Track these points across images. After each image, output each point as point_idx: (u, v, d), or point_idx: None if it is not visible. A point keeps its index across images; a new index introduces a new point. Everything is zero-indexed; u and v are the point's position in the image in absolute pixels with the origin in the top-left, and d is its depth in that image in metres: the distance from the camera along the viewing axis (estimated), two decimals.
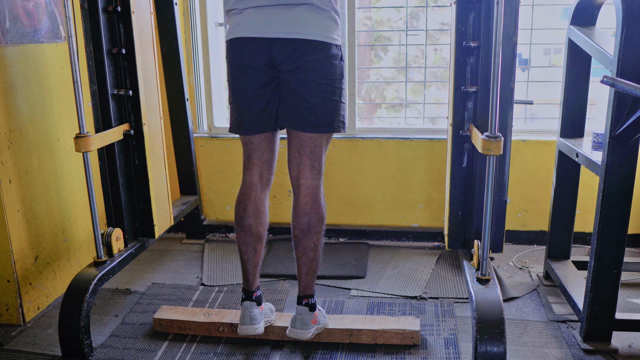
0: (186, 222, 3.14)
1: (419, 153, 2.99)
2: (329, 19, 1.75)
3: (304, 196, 1.89)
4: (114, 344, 2.12)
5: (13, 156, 2.20)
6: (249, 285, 2.01)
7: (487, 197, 1.89)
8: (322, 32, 1.74)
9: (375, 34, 3.89)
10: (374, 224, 3.13)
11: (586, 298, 2.00)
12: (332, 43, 1.76)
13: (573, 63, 2.32)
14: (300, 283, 1.98)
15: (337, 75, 1.80)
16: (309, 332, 1.96)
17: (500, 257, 2.84)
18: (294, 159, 1.89)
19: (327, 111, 1.81)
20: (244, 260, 1.99)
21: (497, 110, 1.81)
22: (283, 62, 1.75)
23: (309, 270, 1.95)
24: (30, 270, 2.30)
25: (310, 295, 1.97)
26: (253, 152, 1.92)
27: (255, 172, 1.94)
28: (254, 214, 1.94)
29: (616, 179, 1.87)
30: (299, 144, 1.86)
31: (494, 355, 1.74)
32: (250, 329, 1.97)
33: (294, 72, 1.76)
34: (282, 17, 1.73)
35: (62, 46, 2.47)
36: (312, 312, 1.98)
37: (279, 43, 1.74)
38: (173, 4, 2.79)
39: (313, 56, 1.74)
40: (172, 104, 2.97)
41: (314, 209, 1.89)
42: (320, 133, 1.85)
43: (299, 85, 1.77)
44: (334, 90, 1.81)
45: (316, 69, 1.75)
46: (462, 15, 2.28)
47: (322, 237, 1.93)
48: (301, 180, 1.89)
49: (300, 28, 1.72)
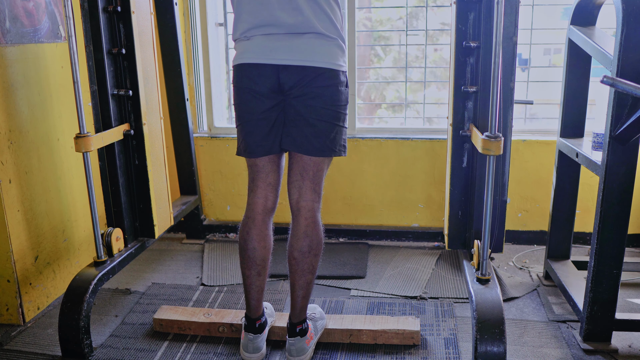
0: (186, 222, 3.14)
1: (419, 153, 2.99)
2: (336, 47, 1.77)
3: (305, 218, 1.88)
4: (114, 344, 2.12)
5: (13, 156, 2.20)
6: (252, 312, 1.96)
7: (487, 197, 1.89)
8: (329, 59, 1.75)
9: (375, 34, 3.89)
10: (374, 224, 3.13)
11: (586, 298, 2.00)
12: (339, 70, 1.78)
13: (573, 63, 2.32)
14: (296, 308, 1.92)
15: (342, 101, 1.82)
16: (308, 355, 1.95)
17: (500, 257, 2.84)
18: (296, 181, 1.89)
19: (331, 136, 1.82)
20: (247, 284, 1.94)
21: (497, 110, 1.82)
22: (292, 87, 1.76)
23: (305, 293, 1.91)
24: (30, 270, 2.30)
25: (304, 320, 1.95)
26: (257, 175, 1.91)
27: (260, 194, 1.92)
28: (258, 237, 1.92)
29: (616, 179, 1.87)
30: (302, 167, 1.86)
31: (494, 355, 1.75)
32: (254, 357, 1.96)
33: (302, 97, 1.77)
34: (290, 44, 1.73)
35: (62, 46, 2.47)
36: (306, 334, 1.95)
37: (288, 70, 1.75)
38: (173, 4, 2.79)
39: (322, 83, 1.75)
40: (172, 104, 2.97)
41: (315, 231, 1.88)
42: (323, 157, 1.86)
43: (306, 111, 1.78)
44: (339, 116, 1.82)
45: (324, 96, 1.77)
46: (462, 15, 2.28)
47: (320, 259, 1.92)
48: (302, 203, 1.88)
49: (308, 55, 1.73)
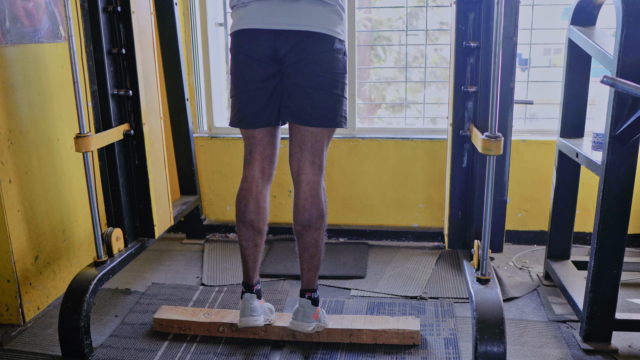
0: (186, 222, 3.14)
1: (419, 153, 2.99)
2: (334, 13, 1.75)
3: (304, 192, 1.88)
4: (114, 344, 2.12)
5: (13, 156, 2.20)
6: (249, 279, 2.03)
7: (487, 197, 1.89)
8: (326, 25, 1.73)
9: (375, 34, 3.89)
10: (374, 224, 3.13)
11: (586, 298, 2.00)
12: (336, 37, 1.75)
13: (573, 63, 2.32)
14: (303, 278, 1.99)
15: (340, 69, 1.79)
16: (310, 326, 1.96)
17: (500, 257, 2.84)
18: (295, 153, 1.88)
19: (329, 105, 1.80)
20: (245, 255, 2.00)
21: (497, 110, 1.82)
22: (286, 54, 1.74)
23: (310, 266, 1.96)
24: (30, 270, 2.30)
25: (312, 290, 1.98)
26: (255, 147, 1.92)
27: (256, 166, 1.93)
28: (255, 209, 1.94)
29: (616, 179, 1.87)
30: (300, 138, 1.85)
31: (494, 355, 1.75)
32: (250, 321, 1.97)
33: (297, 64, 1.75)
34: (287, 9, 1.72)
35: (62, 46, 2.47)
36: (315, 306, 1.98)
37: (283, 35, 1.73)
38: (173, 4, 2.79)
39: (316, 49, 1.73)
40: (172, 104, 2.97)
41: (315, 204, 1.88)
42: (322, 127, 1.84)
43: (301, 79, 1.77)
44: (337, 84, 1.80)
45: (319, 62, 1.75)
46: (462, 15, 2.28)
47: (323, 232, 1.93)
48: (302, 176, 1.88)
49: (304, 20, 1.71)
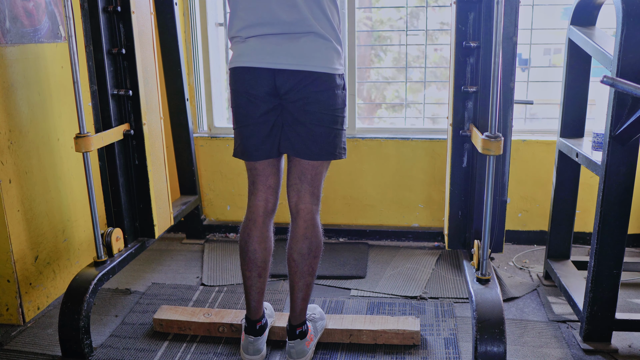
0: (186, 222, 3.14)
1: (419, 153, 2.99)
2: (332, 50, 1.76)
3: (304, 221, 1.88)
4: (114, 344, 2.12)
5: (13, 156, 2.20)
6: (252, 313, 1.96)
7: (487, 197, 1.89)
8: (326, 64, 1.74)
9: (376, 34, 3.89)
10: (374, 224, 3.13)
11: (586, 298, 2.00)
12: (336, 74, 1.77)
13: (573, 63, 2.32)
14: (295, 310, 1.93)
15: (339, 104, 1.81)
16: (308, 357, 1.96)
17: (500, 257, 2.84)
18: (294, 185, 1.89)
19: (329, 140, 1.82)
20: (248, 286, 1.95)
21: (497, 110, 1.82)
22: (288, 92, 1.76)
23: (304, 295, 1.92)
24: (30, 270, 2.30)
25: (303, 323, 1.95)
26: (257, 178, 1.92)
27: (260, 197, 1.93)
28: (258, 238, 1.92)
29: (616, 179, 1.87)
30: (301, 171, 1.87)
31: (494, 355, 1.75)
32: (254, 359, 1.96)
33: (299, 102, 1.77)
34: (286, 48, 1.72)
35: (62, 46, 2.47)
36: (306, 337, 1.95)
37: (283, 74, 1.74)
38: (173, 4, 2.79)
39: (318, 88, 1.75)
40: (172, 104, 2.96)
41: (314, 233, 1.88)
42: (322, 160, 1.86)
43: (303, 116, 1.78)
44: (337, 119, 1.82)
45: (320, 101, 1.76)
46: (462, 15, 2.28)
47: (319, 261, 1.92)
48: (301, 206, 1.89)
49: (304, 60, 1.72)
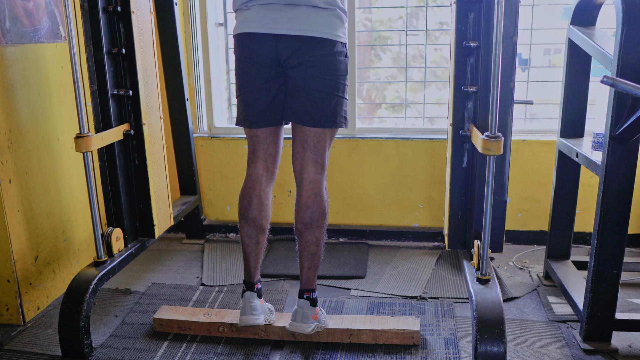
0: (186, 222, 3.14)
1: (419, 153, 2.99)
2: (334, 17, 1.78)
3: (306, 190, 1.91)
4: (114, 344, 2.12)
5: (13, 156, 2.20)
6: (251, 277, 2.04)
7: (487, 197, 1.89)
8: (327, 30, 1.77)
9: (375, 34, 3.89)
10: (374, 224, 3.13)
11: (586, 298, 2.00)
12: (337, 40, 1.79)
13: (573, 63, 2.32)
14: (302, 277, 1.99)
15: (341, 71, 1.83)
16: (310, 327, 1.97)
17: (500, 257, 2.84)
18: (298, 153, 1.92)
19: (330, 107, 1.84)
20: (247, 252, 2.02)
21: (497, 110, 1.82)
22: (289, 57, 1.78)
23: (310, 264, 1.97)
24: (30, 270, 2.30)
25: (311, 290, 1.99)
26: (258, 146, 1.95)
27: (260, 165, 1.97)
28: (258, 206, 1.97)
29: (616, 179, 1.87)
30: (303, 138, 1.89)
31: (494, 355, 1.75)
32: (251, 319, 1.98)
33: (299, 67, 1.79)
34: (288, 14, 1.75)
35: (62, 46, 2.47)
36: (314, 307, 1.99)
37: (285, 39, 1.77)
38: (173, 4, 2.79)
39: (318, 52, 1.77)
40: (172, 104, 2.96)
41: (317, 202, 1.91)
42: (323, 128, 1.88)
43: (303, 81, 1.81)
44: (338, 86, 1.83)
45: (321, 65, 1.78)
46: (462, 15, 2.28)
47: (324, 231, 1.96)
48: (304, 175, 1.91)
49: (306, 25, 1.75)
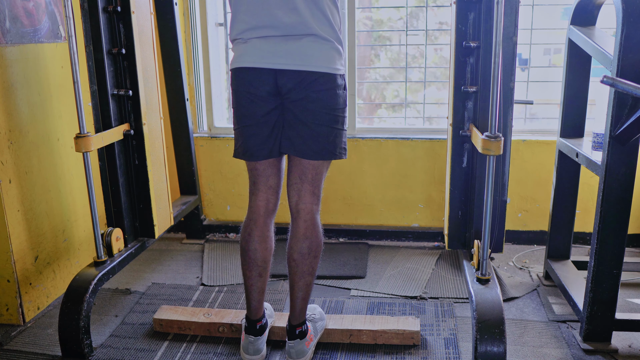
0: (186, 222, 3.14)
1: (419, 153, 2.99)
2: (333, 50, 1.77)
3: (304, 221, 1.89)
4: (114, 344, 2.12)
5: (13, 156, 2.20)
6: (253, 313, 1.96)
7: (487, 197, 1.89)
8: (327, 64, 1.75)
9: (375, 34, 3.89)
10: (374, 224, 3.13)
11: (586, 298, 2.00)
12: (337, 74, 1.78)
13: (573, 63, 2.32)
14: (295, 309, 1.94)
15: (340, 104, 1.82)
16: (307, 357, 1.96)
17: (500, 257, 2.84)
18: (295, 184, 1.89)
19: (330, 140, 1.82)
20: (248, 286, 1.95)
21: (497, 110, 1.82)
22: (290, 91, 1.77)
23: (304, 294, 1.92)
24: (30, 270, 2.30)
25: (303, 322, 1.95)
26: (258, 178, 1.92)
27: (261, 197, 1.93)
28: (259, 238, 1.93)
29: (616, 179, 1.87)
30: (301, 170, 1.87)
31: (494, 355, 1.75)
32: (254, 359, 1.96)
33: (300, 101, 1.77)
34: (287, 48, 1.73)
35: (62, 46, 2.47)
36: (305, 336, 1.96)
37: (285, 74, 1.75)
38: (173, 4, 2.79)
39: (319, 87, 1.75)
40: (172, 104, 2.97)
41: (314, 233, 1.89)
42: (322, 160, 1.86)
43: (304, 115, 1.78)
44: (337, 119, 1.82)
45: (321, 100, 1.77)
46: (462, 15, 2.28)
47: (319, 261, 1.93)
48: (301, 205, 1.89)
49: (306, 60, 1.73)
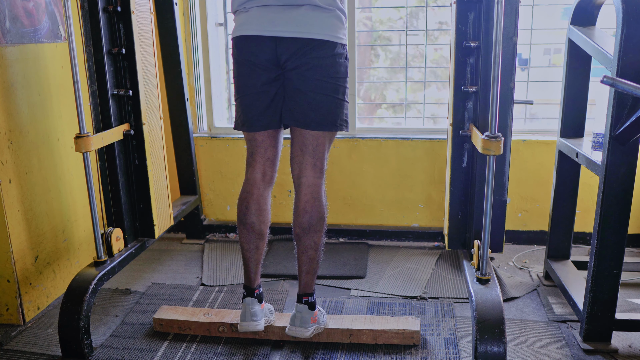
0: (186, 222, 3.14)
1: (419, 153, 2.99)
2: (335, 18, 1.76)
3: (305, 194, 1.88)
4: (114, 344, 2.12)
5: (13, 156, 2.20)
6: (251, 282, 2.02)
7: (487, 197, 1.89)
8: (327, 32, 1.74)
9: (375, 34, 3.89)
10: (374, 224, 3.13)
11: (586, 298, 2.00)
12: (337, 42, 1.77)
13: (573, 63, 2.32)
14: (301, 281, 1.98)
15: (341, 73, 1.80)
16: (309, 331, 1.96)
17: (500, 257, 2.84)
18: (296, 156, 1.89)
19: (330, 109, 1.82)
20: (246, 257, 2.00)
21: (497, 110, 1.82)
22: (288, 60, 1.76)
23: (309, 268, 1.96)
24: (30, 270, 2.30)
25: (310, 294, 1.98)
26: (256, 150, 1.93)
27: (258, 169, 1.94)
28: (256, 211, 1.94)
29: (616, 179, 1.87)
30: (302, 141, 1.86)
31: (494, 355, 1.75)
32: (251, 325, 1.97)
33: (298, 69, 1.77)
34: (287, 16, 1.73)
35: (62, 46, 2.47)
36: (312, 310, 1.98)
37: (284, 42, 1.75)
38: (173, 4, 2.79)
39: (317, 54, 1.75)
40: (172, 104, 2.96)
41: (315, 207, 1.88)
42: (323, 131, 1.85)
43: (302, 83, 1.78)
44: (338, 88, 1.81)
45: (320, 67, 1.76)
46: (462, 15, 2.28)
47: (322, 235, 1.94)
48: (302, 179, 1.88)
49: (305, 27, 1.73)
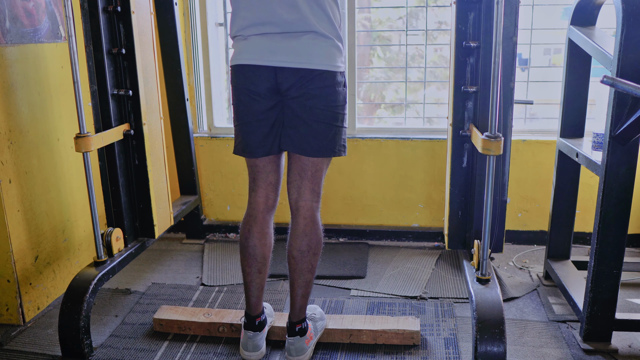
0: (186, 222, 3.14)
1: (419, 153, 2.99)
2: (333, 47, 1.77)
3: (304, 218, 1.89)
4: (114, 344, 2.12)
5: (13, 156, 2.20)
6: (252, 309, 1.98)
7: (487, 197, 1.89)
8: (327, 61, 1.75)
9: (375, 34, 3.89)
10: (374, 224, 3.13)
11: (586, 298, 2.00)
12: (337, 71, 1.78)
13: (573, 63, 2.33)
14: (295, 306, 1.94)
15: (340, 101, 1.82)
16: (307, 355, 1.96)
17: (500, 257, 2.84)
18: (295, 181, 1.90)
19: (330, 137, 1.83)
20: (247, 282, 1.96)
21: (497, 110, 1.82)
22: (289, 89, 1.77)
23: (304, 292, 1.93)
24: (30, 270, 2.30)
25: (303, 320, 1.96)
26: (258, 175, 1.93)
27: (260, 194, 1.94)
28: (258, 235, 1.93)
29: (616, 179, 1.87)
30: (301, 167, 1.87)
31: (494, 355, 1.75)
32: (253, 355, 1.96)
33: (299, 98, 1.77)
34: (287, 46, 1.73)
35: (62, 46, 2.47)
36: (305, 334, 1.96)
37: (284, 71, 1.75)
38: (173, 4, 2.79)
39: (318, 84, 1.75)
40: (172, 104, 2.96)
41: (314, 230, 1.89)
42: (322, 157, 1.86)
43: (303, 112, 1.79)
44: (337, 116, 1.82)
45: (321, 97, 1.77)
46: (462, 15, 2.28)
47: (318, 258, 1.93)
48: (301, 203, 1.89)
49: (305, 57, 1.73)
